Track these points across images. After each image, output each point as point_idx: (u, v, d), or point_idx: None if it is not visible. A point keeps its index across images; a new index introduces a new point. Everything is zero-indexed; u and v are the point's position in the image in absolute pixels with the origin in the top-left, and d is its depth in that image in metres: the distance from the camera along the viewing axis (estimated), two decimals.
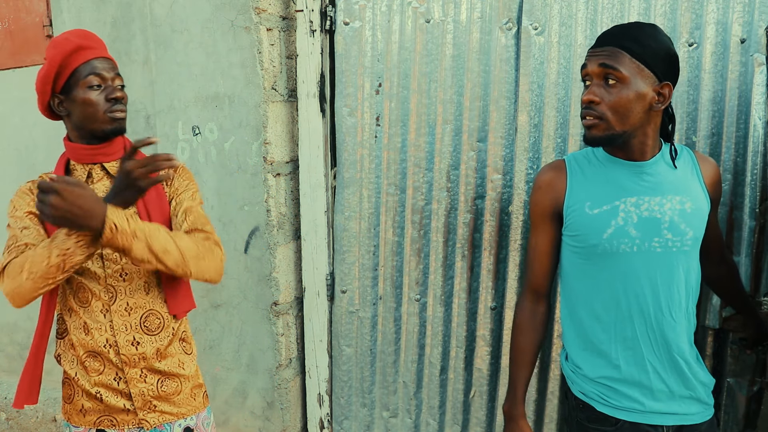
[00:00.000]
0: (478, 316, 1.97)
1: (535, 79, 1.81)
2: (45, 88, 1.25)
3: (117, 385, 1.30)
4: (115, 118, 1.26)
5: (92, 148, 1.29)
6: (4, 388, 2.59)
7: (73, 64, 1.23)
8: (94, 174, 1.31)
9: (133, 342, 1.29)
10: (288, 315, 2.10)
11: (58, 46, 1.24)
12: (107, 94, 1.25)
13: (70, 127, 1.30)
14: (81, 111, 1.24)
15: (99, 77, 1.24)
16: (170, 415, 1.34)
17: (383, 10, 1.88)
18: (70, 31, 1.28)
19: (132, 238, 1.13)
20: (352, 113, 1.95)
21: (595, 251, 1.24)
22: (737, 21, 1.71)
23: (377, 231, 2.00)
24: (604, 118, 1.17)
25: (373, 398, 2.11)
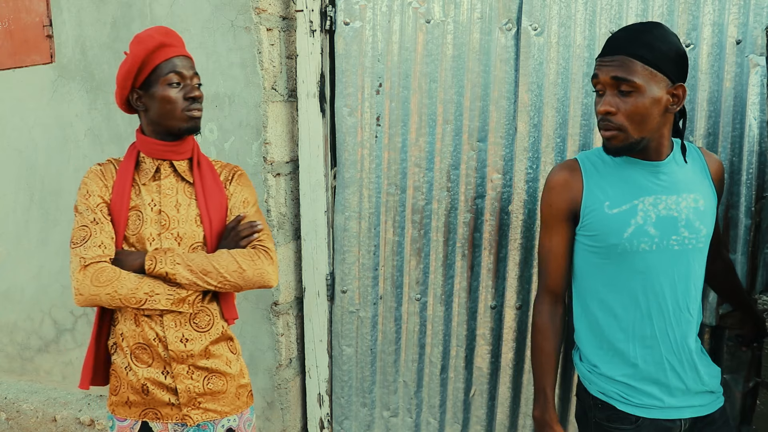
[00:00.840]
0: (478, 315, 1.98)
1: (535, 79, 1.83)
2: (126, 83, 1.27)
3: (164, 379, 1.31)
4: (193, 116, 1.30)
5: (165, 144, 1.32)
6: (4, 388, 2.57)
7: (155, 61, 1.26)
8: (162, 170, 1.34)
9: (182, 339, 1.31)
10: (288, 315, 2.10)
11: (142, 43, 1.25)
12: (186, 93, 1.28)
13: (145, 122, 1.33)
14: (159, 107, 1.27)
15: (179, 75, 1.28)
16: (214, 413, 1.36)
17: (383, 10, 1.89)
18: (154, 28, 1.30)
19: (173, 264, 1.25)
20: (352, 113, 1.96)
21: (614, 251, 1.24)
22: (733, 22, 1.73)
23: (377, 231, 2.01)
24: (623, 129, 1.18)
25: (373, 398, 2.12)
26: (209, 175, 1.37)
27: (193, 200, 1.34)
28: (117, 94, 1.31)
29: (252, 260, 1.32)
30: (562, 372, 1.93)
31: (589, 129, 1.83)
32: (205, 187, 1.35)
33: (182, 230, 1.32)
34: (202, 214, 1.33)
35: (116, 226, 1.28)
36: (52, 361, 2.50)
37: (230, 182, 1.42)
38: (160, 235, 1.30)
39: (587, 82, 1.81)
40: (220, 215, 1.36)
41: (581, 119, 1.82)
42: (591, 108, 1.81)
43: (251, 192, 1.44)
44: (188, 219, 1.33)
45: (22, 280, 2.49)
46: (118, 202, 1.29)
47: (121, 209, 1.29)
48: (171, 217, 1.31)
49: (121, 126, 2.12)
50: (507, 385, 1.98)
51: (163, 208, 1.31)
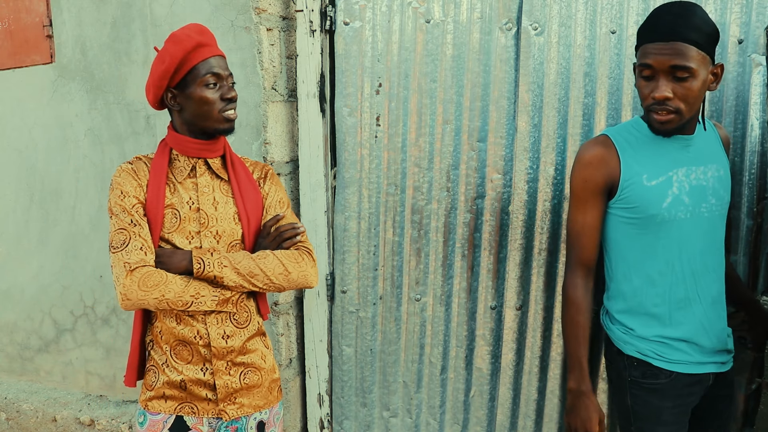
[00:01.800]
0: (478, 315, 1.97)
1: (535, 79, 1.82)
2: (162, 82, 1.27)
3: (203, 375, 1.32)
4: (229, 118, 1.30)
5: (201, 143, 1.32)
6: (4, 388, 2.58)
7: (193, 61, 1.25)
8: (197, 168, 1.34)
9: (223, 336, 1.32)
10: (288, 315, 2.10)
11: (180, 43, 1.25)
12: (222, 94, 1.28)
13: (179, 121, 1.33)
14: (196, 108, 1.27)
15: (216, 76, 1.27)
16: (248, 407, 1.37)
17: (383, 10, 1.88)
18: (189, 26, 1.29)
19: (220, 267, 1.26)
20: (352, 113, 1.95)
21: (654, 221, 1.32)
22: (735, 22, 1.73)
23: (377, 231, 2.00)
24: (680, 111, 1.25)
25: (373, 398, 2.12)
26: (243, 173, 1.38)
27: (229, 198, 1.35)
28: (151, 93, 1.30)
29: (297, 262, 1.35)
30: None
31: (589, 129, 1.82)
32: (241, 185, 1.36)
33: (221, 228, 1.32)
34: (240, 211, 1.34)
35: (152, 225, 1.28)
36: (52, 361, 2.51)
37: (264, 180, 1.43)
38: (200, 233, 1.31)
39: (588, 81, 1.80)
40: (256, 213, 1.37)
41: (582, 119, 1.82)
42: (592, 108, 1.81)
43: (284, 192, 1.47)
44: (226, 217, 1.34)
45: (22, 280, 2.50)
46: (154, 201, 1.28)
47: (157, 208, 1.28)
48: (210, 215, 1.32)
49: (121, 126, 2.12)
50: (507, 385, 1.97)
51: (201, 206, 1.31)
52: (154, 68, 1.29)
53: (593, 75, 1.79)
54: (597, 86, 1.80)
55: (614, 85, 1.79)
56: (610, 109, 1.80)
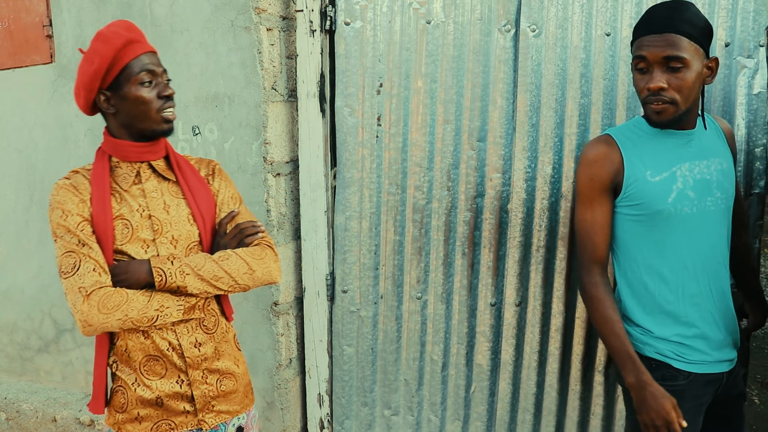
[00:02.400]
0: (478, 312, 2.00)
1: (533, 80, 1.86)
2: (93, 85, 1.20)
3: (179, 388, 1.26)
4: (168, 119, 1.24)
5: (141, 146, 1.25)
6: (4, 388, 2.55)
7: (124, 60, 1.18)
8: (142, 173, 1.27)
9: (195, 344, 1.27)
10: (288, 315, 2.10)
11: (109, 41, 1.18)
12: (159, 91, 1.22)
13: (115, 125, 1.25)
14: (132, 109, 1.21)
15: (150, 73, 1.21)
16: (226, 414, 1.33)
17: (384, 11, 1.90)
18: (116, 23, 1.22)
19: (182, 275, 1.20)
20: (353, 113, 1.97)
21: (660, 216, 1.33)
22: (722, 25, 1.79)
23: (378, 230, 2.02)
24: (675, 102, 1.27)
25: (374, 397, 2.13)
26: (189, 171, 1.33)
27: (180, 199, 1.30)
28: (81, 97, 1.22)
29: (261, 259, 1.30)
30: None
31: (585, 128, 1.87)
32: (190, 185, 1.31)
33: (176, 232, 1.27)
34: (193, 212, 1.29)
35: (103, 240, 1.20)
36: (52, 361, 2.49)
37: (212, 177, 1.37)
38: (155, 241, 1.25)
39: (584, 82, 1.85)
40: (210, 212, 1.32)
41: (578, 119, 1.87)
42: (587, 108, 1.86)
43: (234, 187, 1.42)
44: (180, 219, 1.28)
45: (22, 280, 2.47)
46: (101, 215, 1.20)
47: (106, 221, 1.20)
48: (162, 221, 1.26)
49: None
50: (507, 381, 2.01)
51: (152, 213, 1.26)
52: (82, 71, 1.21)
53: (589, 76, 1.84)
54: (592, 87, 1.85)
55: (609, 86, 1.84)
56: (605, 110, 1.85)
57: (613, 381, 1.94)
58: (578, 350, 1.96)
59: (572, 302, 1.95)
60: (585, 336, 1.95)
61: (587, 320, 1.94)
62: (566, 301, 1.95)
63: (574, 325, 1.95)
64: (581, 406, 1.99)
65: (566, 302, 1.95)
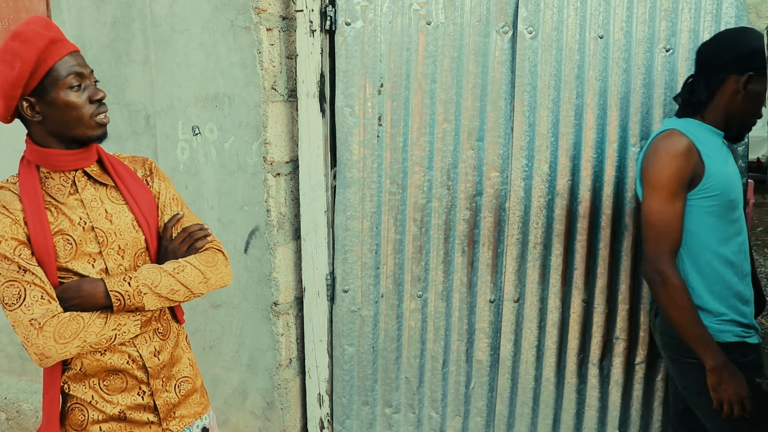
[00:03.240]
0: (478, 309, 2.04)
1: (530, 80, 1.91)
2: (14, 92, 1.09)
3: (142, 399, 1.22)
4: (102, 123, 1.16)
5: (74, 153, 1.16)
6: (4, 388, 2.50)
7: (49, 62, 1.08)
8: (77, 182, 1.18)
9: (154, 353, 1.23)
10: (288, 315, 2.10)
11: (29, 42, 1.07)
12: (90, 95, 1.13)
13: (42, 133, 1.15)
14: (62, 115, 1.11)
15: (78, 76, 1.11)
16: (189, 417, 1.30)
17: (385, 11, 1.93)
18: (34, 20, 1.11)
19: (140, 296, 1.15)
20: (353, 113, 1.98)
21: (730, 205, 1.49)
22: (707, 29, 1.87)
23: (379, 230, 2.04)
24: None
25: (375, 396, 2.14)
26: (126, 173, 1.25)
27: (122, 205, 1.22)
28: (0, 105, 1.12)
29: (214, 266, 1.25)
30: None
31: (580, 128, 1.93)
32: (129, 188, 1.23)
33: (122, 241, 1.20)
34: (137, 217, 1.22)
35: (45, 260, 1.11)
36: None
37: (151, 178, 1.30)
38: (101, 254, 1.18)
39: (578, 83, 1.91)
40: (153, 215, 1.26)
41: (573, 119, 1.92)
42: (582, 108, 1.92)
43: (173, 186, 1.35)
44: (125, 227, 1.21)
45: None
46: (40, 233, 1.10)
47: (45, 240, 1.11)
48: (106, 231, 1.18)
49: (121, 126, 2.06)
50: (506, 376, 2.05)
51: (95, 224, 1.17)
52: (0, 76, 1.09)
53: (583, 77, 1.90)
54: (586, 88, 1.91)
55: (602, 87, 1.91)
56: (599, 110, 1.91)
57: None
58: (573, 345, 2.01)
59: (568, 298, 2.00)
60: (580, 330, 2.01)
61: (582, 315, 2.00)
62: (562, 296, 2.00)
63: (569, 320, 2.01)
64: (577, 398, 2.05)
65: (562, 298, 2.00)
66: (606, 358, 2.02)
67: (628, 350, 2.00)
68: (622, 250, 1.96)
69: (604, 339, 2.01)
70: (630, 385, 2.02)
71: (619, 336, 2.00)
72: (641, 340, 1.99)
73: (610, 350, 2.01)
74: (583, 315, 2.00)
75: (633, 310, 1.99)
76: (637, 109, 1.90)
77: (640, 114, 1.91)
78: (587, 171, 1.94)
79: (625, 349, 2.00)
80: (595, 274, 1.98)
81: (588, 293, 2.00)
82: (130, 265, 1.21)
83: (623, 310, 1.98)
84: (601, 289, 1.98)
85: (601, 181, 1.94)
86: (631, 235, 1.95)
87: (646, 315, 1.97)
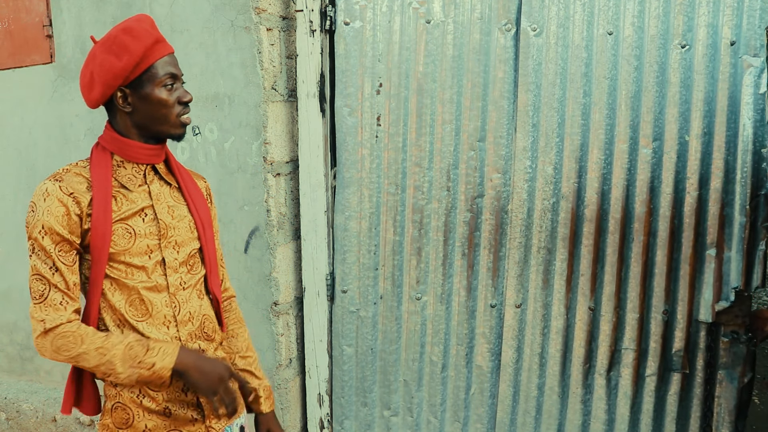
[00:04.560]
0: (478, 313, 1.99)
1: (534, 79, 1.85)
2: (115, 81, 1.13)
3: (185, 396, 1.22)
4: (185, 123, 1.20)
5: (151, 148, 1.20)
6: (4, 388, 2.56)
7: (150, 59, 1.13)
8: (147, 174, 1.22)
9: (199, 351, 1.23)
10: (288, 315, 2.10)
11: (140, 38, 1.12)
12: (180, 96, 1.17)
13: (127, 123, 1.17)
14: (151, 110, 1.15)
15: (172, 77, 1.16)
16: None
17: (384, 10, 1.90)
18: (142, 18, 1.17)
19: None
20: (352, 113, 1.96)
21: None
22: (727, 24, 1.76)
23: (378, 230, 2.01)
24: None
25: (373, 397, 2.12)
26: (189, 179, 1.29)
27: (182, 205, 1.25)
28: (96, 91, 1.14)
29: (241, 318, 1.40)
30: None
31: (586, 128, 1.85)
32: (191, 193, 1.27)
33: (180, 238, 1.23)
34: (195, 220, 1.24)
35: (100, 247, 1.13)
36: (52, 361, 2.47)
37: (209, 196, 1.36)
38: (159, 246, 1.20)
39: (585, 82, 1.83)
40: (209, 223, 1.28)
41: (580, 119, 1.85)
42: (589, 108, 1.84)
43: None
44: (182, 226, 1.24)
45: (22, 280, 2.47)
46: (101, 218, 1.12)
47: (105, 226, 1.13)
48: (168, 224, 1.21)
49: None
50: (507, 383, 1.99)
51: (158, 215, 1.20)
52: (104, 64, 1.12)
53: (590, 75, 1.82)
54: (594, 86, 1.83)
55: (611, 86, 1.82)
56: (608, 109, 1.83)
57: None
58: (579, 353, 1.94)
59: (573, 304, 1.93)
60: (586, 339, 1.93)
61: (588, 323, 1.92)
62: (567, 303, 1.93)
63: (574, 327, 1.93)
64: (583, 409, 1.97)
65: (567, 304, 1.93)
66: (614, 368, 1.93)
67: (637, 361, 1.92)
68: (632, 257, 1.87)
69: (611, 349, 1.93)
70: (640, 398, 1.94)
71: (628, 346, 1.91)
72: (652, 351, 1.90)
73: (618, 360, 1.93)
74: (589, 323, 1.93)
75: (643, 320, 1.90)
76: (650, 109, 1.82)
77: (652, 114, 1.82)
78: (594, 173, 1.86)
79: (635, 360, 1.92)
80: (602, 281, 1.90)
81: (594, 300, 1.92)
82: (184, 261, 1.23)
83: (632, 319, 1.90)
84: (609, 297, 1.90)
85: (610, 184, 1.86)
86: (641, 242, 1.86)
87: (658, 325, 1.88)
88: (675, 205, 1.84)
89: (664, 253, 1.85)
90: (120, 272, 1.16)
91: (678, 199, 1.83)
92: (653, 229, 1.86)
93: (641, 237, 1.86)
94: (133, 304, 1.17)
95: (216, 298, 1.31)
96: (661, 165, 1.83)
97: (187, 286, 1.23)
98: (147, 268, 1.18)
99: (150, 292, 1.18)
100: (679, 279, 1.86)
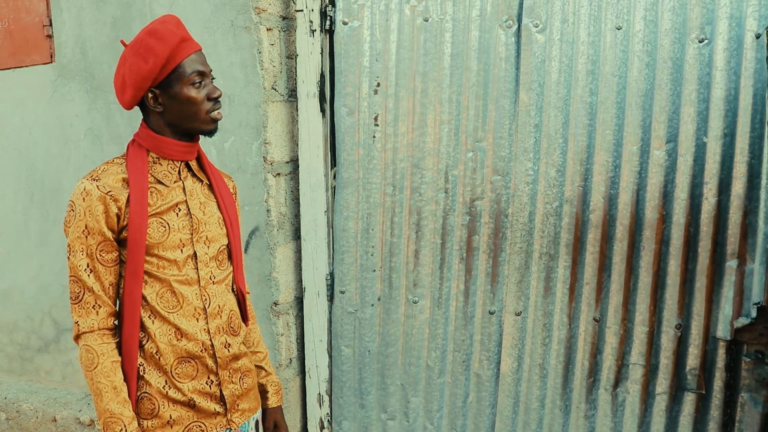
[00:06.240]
0: (476, 320, 1.92)
1: (536, 78, 1.76)
2: (144, 83, 1.16)
3: (210, 388, 1.26)
4: (216, 119, 1.23)
5: (185, 145, 1.24)
6: (4, 388, 2.55)
7: (177, 59, 1.16)
8: (182, 172, 1.26)
9: (225, 344, 1.27)
10: (288, 315, 2.11)
11: (164, 40, 1.15)
12: (209, 93, 1.20)
13: (160, 122, 1.21)
14: (182, 109, 1.18)
15: (200, 74, 1.19)
16: (248, 411, 1.34)
17: (381, 9, 1.86)
18: (167, 20, 1.19)
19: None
20: (350, 113, 1.94)
21: None
22: (752, 15, 1.62)
23: (375, 231, 1.98)
24: None
25: (370, 400, 2.09)
26: (219, 177, 1.33)
27: (213, 202, 1.29)
28: (128, 95, 1.19)
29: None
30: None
31: (593, 129, 1.75)
32: (221, 191, 1.30)
33: (210, 233, 1.26)
34: (224, 216, 1.28)
35: (138, 240, 1.16)
36: (52, 361, 2.51)
37: (235, 195, 1.39)
38: (191, 240, 1.23)
39: (592, 80, 1.73)
40: (236, 219, 1.32)
41: (586, 119, 1.75)
42: (596, 107, 1.74)
43: None
44: (213, 221, 1.27)
45: (22, 280, 2.49)
46: (138, 213, 1.16)
47: (142, 220, 1.16)
48: (200, 220, 1.25)
49: (121, 126, 2.16)
50: (506, 393, 1.92)
51: (191, 210, 1.24)
52: (133, 68, 1.17)
53: (597, 73, 1.72)
54: (601, 85, 1.72)
55: (620, 83, 1.72)
56: (616, 109, 1.73)
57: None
58: (583, 366, 1.84)
59: (576, 314, 1.83)
60: (591, 351, 1.83)
61: (593, 334, 1.82)
62: (570, 312, 1.84)
63: (578, 339, 1.84)
64: (586, 425, 1.87)
65: (570, 314, 1.84)
66: (621, 384, 1.82)
67: (647, 377, 1.80)
68: (642, 266, 1.76)
69: (618, 363, 1.82)
70: (649, 417, 1.82)
71: (637, 361, 1.80)
72: (663, 368, 1.78)
73: (625, 376, 1.82)
74: (594, 334, 1.83)
75: (654, 334, 1.78)
76: (663, 108, 1.70)
77: (666, 113, 1.70)
78: (601, 176, 1.76)
79: (644, 376, 1.80)
80: (608, 291, 1.80)
81: (600, 311, 1.81)
82: (214, 257, 1.26)
83: (642, 332, 1.78)
84: (616, 308, 1.79)
85: (617, 188, 1.75)
86: (652, 250, 1.74)
87: (670, 340, 1.76)
88: (691, 212, 1.71)
89: (677, 263, 1.73)
90: (152, 266, 1.20)
91: (694, 206, 1.70)
92: (666, 236, 1.74)
93: (653, 245, 1.74)
94: (164, 296, 1.21)
95: (241, 294, 1.34)
96: (675, 168, 1.70)
97: (216, 281, 1.26)
98: (179, 262, 1.21)
99: (181, 285, 1.21)
100: (695, 291, 1.73)
